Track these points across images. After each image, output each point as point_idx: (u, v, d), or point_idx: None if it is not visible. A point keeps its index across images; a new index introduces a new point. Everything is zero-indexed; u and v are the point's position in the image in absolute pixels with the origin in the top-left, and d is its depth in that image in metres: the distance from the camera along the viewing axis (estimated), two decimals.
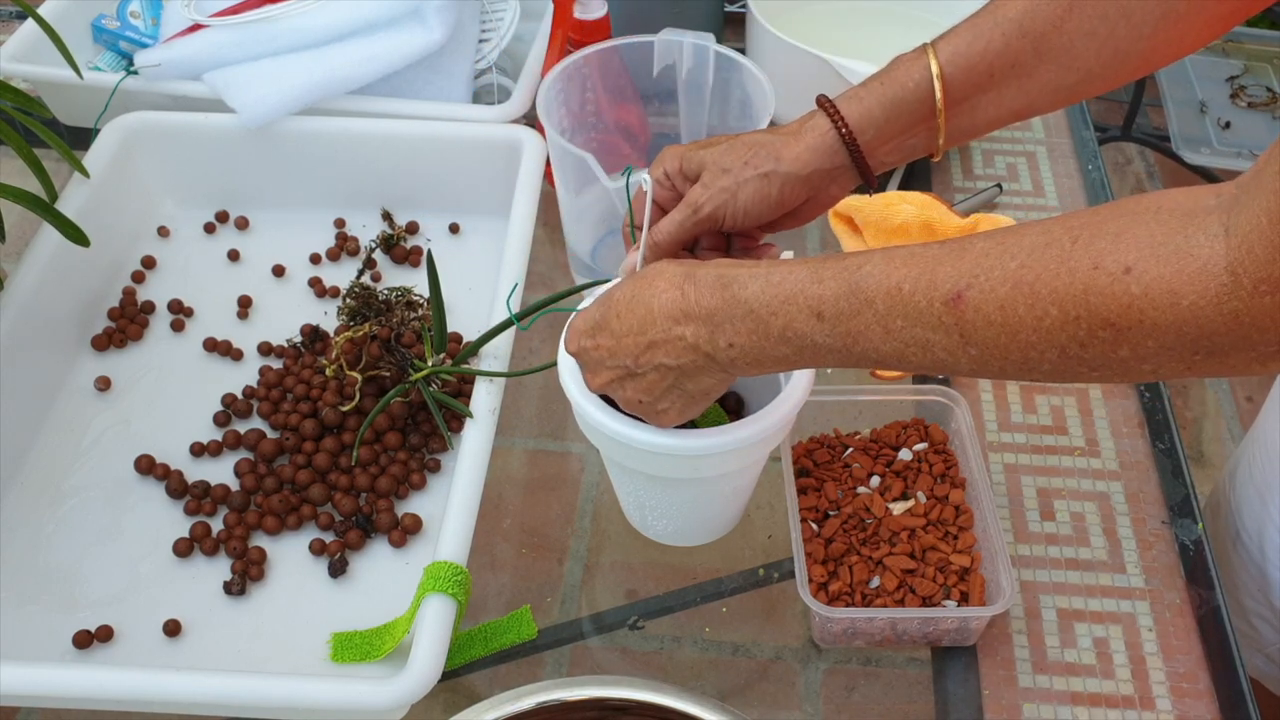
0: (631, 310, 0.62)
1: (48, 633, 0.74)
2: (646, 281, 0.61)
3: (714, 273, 0.60)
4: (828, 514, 0.78)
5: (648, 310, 0.61)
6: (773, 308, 0.57)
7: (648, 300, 0.61)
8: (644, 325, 0.61)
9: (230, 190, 1.02)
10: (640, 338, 0.61)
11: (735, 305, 0.58)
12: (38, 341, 0.86)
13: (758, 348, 0.58)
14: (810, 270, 0.57)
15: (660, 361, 0.62)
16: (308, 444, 0.83)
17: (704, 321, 0.59)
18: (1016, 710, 0.71)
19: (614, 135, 0.97)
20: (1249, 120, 1.83)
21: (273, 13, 1.01)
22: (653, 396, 0.64)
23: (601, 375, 0.65)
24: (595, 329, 0.64)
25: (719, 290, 0.59)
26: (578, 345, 0.66)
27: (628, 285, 0.63)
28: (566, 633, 0.76)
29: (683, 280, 0.60)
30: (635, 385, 0.64)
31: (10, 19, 1.27)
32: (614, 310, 0.63)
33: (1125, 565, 0.78)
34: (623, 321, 0.62)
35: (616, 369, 0.64)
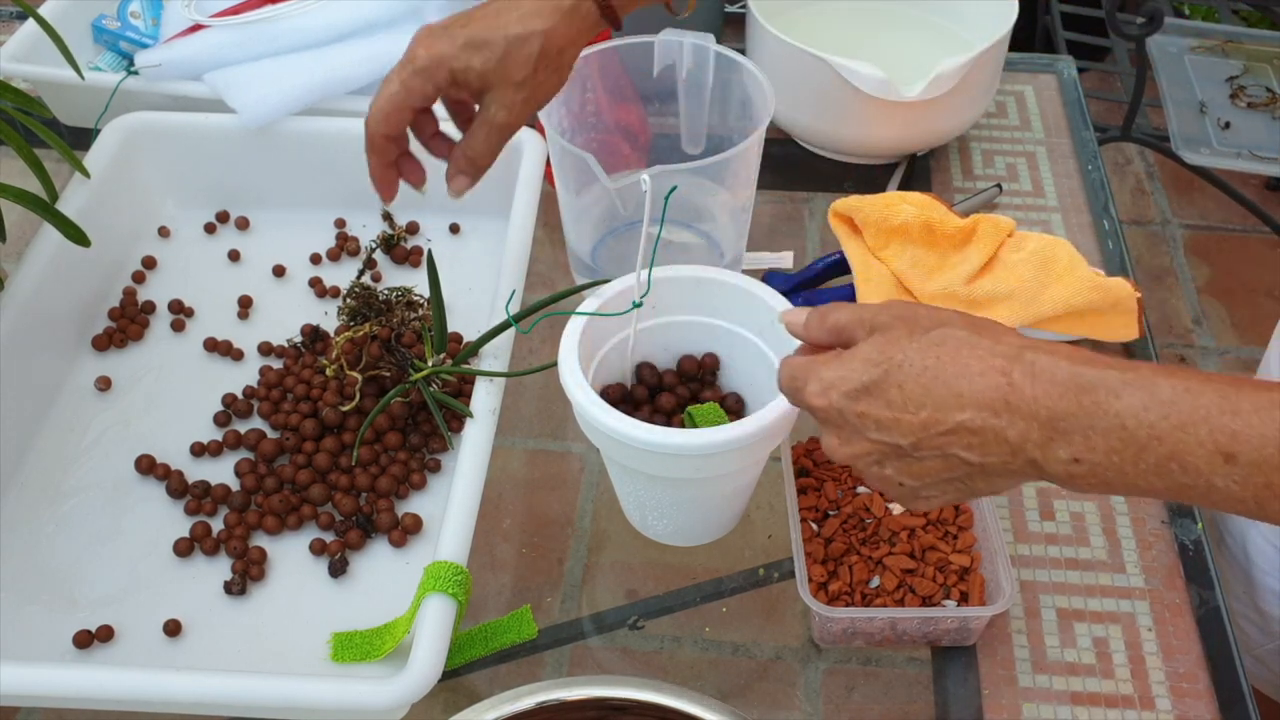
0: (925, 385, 0.52)
1: (48, 633, 0.74)
2: (950, 353, 0.52)
3: (1063, 367, 0.50)
4: (828, 514, 0.78)
5: (951, 391, 0.51)
6: (1158, 431, 0.47)
7: (952, 379, 0.52)
8: (942, 406, 0.52)
9: (230, 190, 1.02)
10: (933, 417, 0.52)
11: (1098, 416, 0.49)
12: (38, 341, 0.86)
13: (1117, 472, 0.49)
14: (1218, 394, 0.47)
15: (954, 452, 0.52)
16: (308, 444, 0.83)
17: (1040, 424, 0.50)
18: (1016, 710, 0.71)
19: (614, 135, 0.97)
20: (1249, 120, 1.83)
21: (273, 13, 1.01)
22: (921, 483, 0.55)
23: (856, 444, 0.56)
24: (863, 392, 0.54)
25: (1074, 394, 0.49)
26: (828, 401, 0.55)
27: (918, 350, 0.53)
28: (566, 633, 0.76)
29: (1009, 364, 0.51)
30: (902, 467, 0.55)
31: (10, 19, 1.27)
32: (897, 377, 0.53)
33: (1125, 565, 0.78)
34: (908, 393, 0.53)
35: (882, 444, 0.54)
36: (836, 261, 0.96)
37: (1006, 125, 1.14)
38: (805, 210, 1.06)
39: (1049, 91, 1.18)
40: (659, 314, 0.79)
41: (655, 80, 0.94)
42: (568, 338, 0.73)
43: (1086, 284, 0.88)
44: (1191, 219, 2.34)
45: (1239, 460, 0.46)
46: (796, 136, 1.11)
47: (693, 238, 0.95)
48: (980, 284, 0.90)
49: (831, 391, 0.55)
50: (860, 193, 0.97)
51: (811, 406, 0.57)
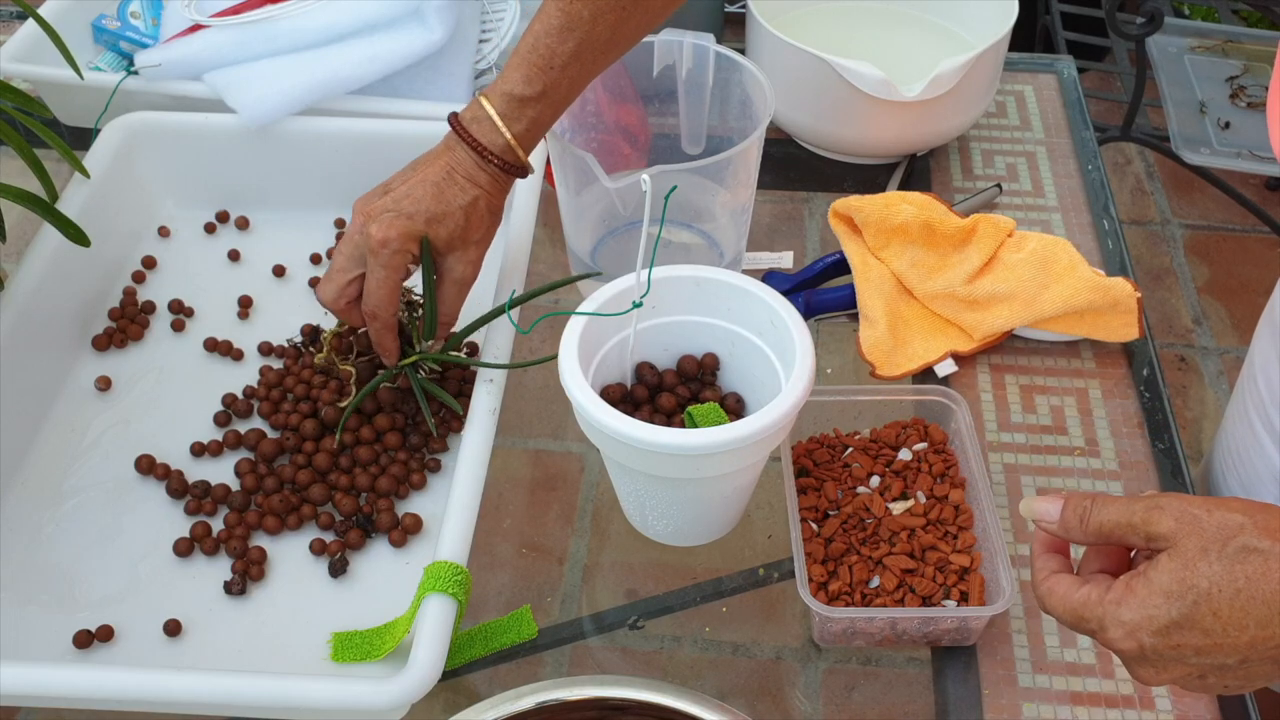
0: (1242, 607, 0.51)
1: (48, 633, 0.74)
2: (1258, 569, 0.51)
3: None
4: (827, 514, 0.78)
5: (1273, 610, 0.50)
6: None
7: (1271, 597, 0.50)
8: (1266, 624, 0.51)
9: (230, 190, 1.02)
10: (1259, 636, 0.51)
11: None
12: (38, 341, 0.86)
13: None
14: None
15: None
16: (308, 444, 0.83)
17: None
18: (1016, 710, 0.71)
19: (614, 135, 0.97)
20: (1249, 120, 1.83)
21: (273, 13, 1.01)
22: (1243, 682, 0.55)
23: (1174, 670, 0.54)
24: (1174, 628, 0.52)
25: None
26: (1137, 643, 0.53)
27: (1224, 572, 0.51)
28: (566, 633, 0.76)
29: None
30: (1227, 676, 0.54)
31: (10, 19, 1.27)
32: (1209, 607, 0.51)
33: None
34: (1225, 620, 0.51)
35: (1204, 666, 0.53)
36: (836, 261, 0.96)
37: (1006, 125, 1.14)
38: (805, 210, 1.06)
39: (1049, 91, 1.18)
40: (659, 314, 0.79)
41: (655, 80, 0.94)
42: (568, 337, 0.73)
43: (1086, 284, 0.88)
44: (1191, 219, 2.34)
45: None
46: (796, 136, 1.11)
47: (693, 238, 0.95)
48: (980, 284, 0.90)
49: (1139, 633, 0.53)
50: (860, 193, 0.97)
51: (1118, 650, 0.55)
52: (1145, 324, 0.91)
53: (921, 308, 0.93)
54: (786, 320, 0.73)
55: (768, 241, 1.02)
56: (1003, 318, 0.89)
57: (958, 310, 0.91)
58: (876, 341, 0.91)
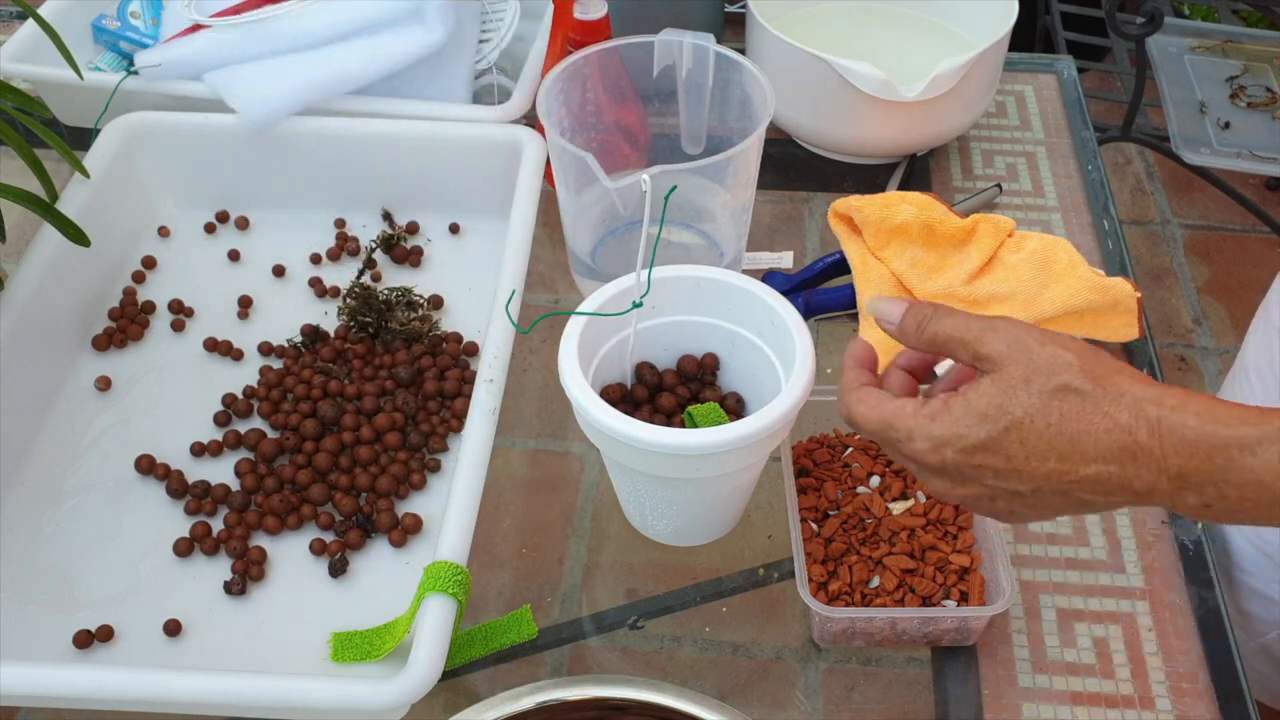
0: (1048, 440, 0.52)
1: (48, 633, 0.74)
2: (1073, 409, 0.51)
3: (1192, 426, 0.49)
4: (827, 514, 0.78)
5: (1076, 448, 0.51)
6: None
7: (1076, 435, 0.51)
8: (1067, 459, 0.52)
9: (230, 190, 1.02)
10: (1057, 469, 0.52)
11: (1232, 473, 0.49)
12: (38, 341, 0.86)
13: (1250, 515, 0.50)
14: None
15: (1077, 495, 0.53)
16: (308, 444, 0.83)
17: (1170, 478, 0.50)
18: (1016, 710, 0.71)
19: (614, 135, 0.97)
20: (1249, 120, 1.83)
21: (273, 13, 1.01)
22: (1036, 515, 0.56)
23: (968, 488, 0.56)
24: (980, 448, 0.53)
25: (1204, 454, 0.49)
26: (941, 458, 0.55)
27: (1039, 406, 0.52)
28: (566, 633, 0.76)
29: (1133, 421, 0.50)
30: (1018, 504, 0.55)
31: (10, 19, 1.27)
32: (1017, 434, 0.52)
33: (1125, 565, 0.78)
34: (1030, 449, 0.52)
35: (999, 489, 0.55)
36: (836, 261, 0.96)
37: (1006, 125, 1.14)
38: (805, 210, 1.06)
39: (1049, 91, 1.18)
40: (659, 314, 0.79)
41: (655, 80, 0.94)
42: (568, 338, 0.73)
43: (1086, 284, 0.88)
44: (1191, 219, 2.34)
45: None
46: (796, 136, 1.11)
47: (693, 238, 0.95)
48: (980, 284, 0.90)
49: (945, 449, 0.54)
50: (860, 193, 0.97)
51: (920, 461, 0.56)
52: (1145, 324, 0.91)
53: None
54: (786, 320, 0.73)
55: (768, 241, 1.02)
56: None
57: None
58: (877, 341, 0.90)
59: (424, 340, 0.90)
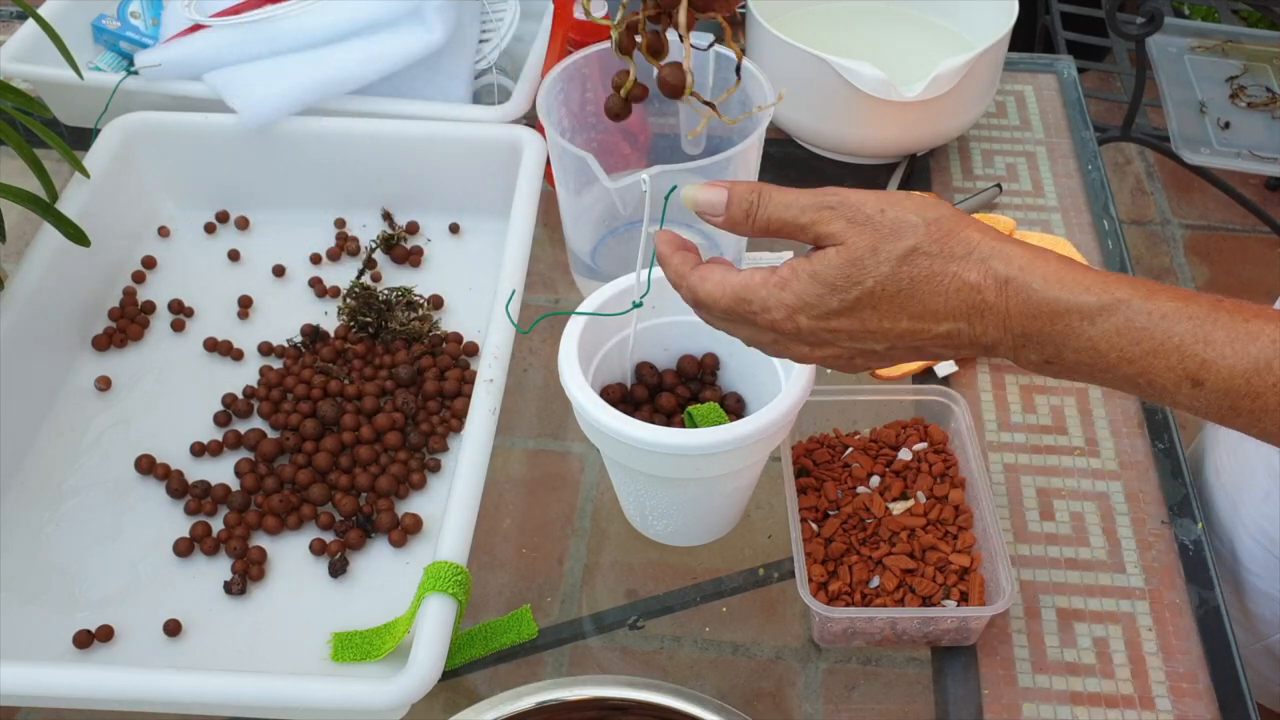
0: (900, 304, 0.52)
1: (48, 633, 0.74)
2: (923, 272, 0.52)
3: (1037, 291, 0.50)
4: (827, 514, 0.78)
5: (927, 308, 0.52)
6: (1129, 355, 0.49)
7: (927, 297, 0.52)
8: (919, 318, 0.53)
9: (230, 190, 1.02)
10: (910, 329, 0.53)
11: (1070, 338, 0.50)
12: (38, 341, 0.86)
13: (1086, 376, 0.52)
14: (1194, 324, 0.49)
15: (929, 349, 0.54)
16: (308, 444, 0.83)
17: (1014, 335, 0.52)
18: (1016, 710, 0.71)
19: (614, 135, 0.97)
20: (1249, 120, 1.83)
21: (273, 13, 1.01)
22: (891, 363, 0.56)
23: (825, 350, 0.56)
24: (834, 314, 0.54)
25: (1046, 317, 0.50)
26: (795, 325, 0.55)
27: (890, 273, 0.52)
28: (566, 633, 0.76)
29: (981, 280, 0.51)
30: (873, 359, 0.56)
31: (10, 19, 1.27)
32: (869, 301, 0.53)
33: (1125, 565, 0.78)
34: (882, 312, 0.53)
35: (854, 349, 0.55)
36: None
37: (1006, 125, 1.14)
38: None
39: (1049, 91, 1.18)
40: (659, 314, 0.79)
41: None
42: (568, 338, 0.73)
43: None
44: (1191, 219, 2.34)
45: (1206, 386, 0.49)
46: (796, 136, 1.11)
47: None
48: None
49: (799, 316, 0.54)
50: None
51: (778, 330, 0.55)
52: None
53: None
54: None
55: (768, 241, 1.02)
56: None
57: None
58: None
59: (424, 340, 0.90)
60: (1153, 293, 0.50)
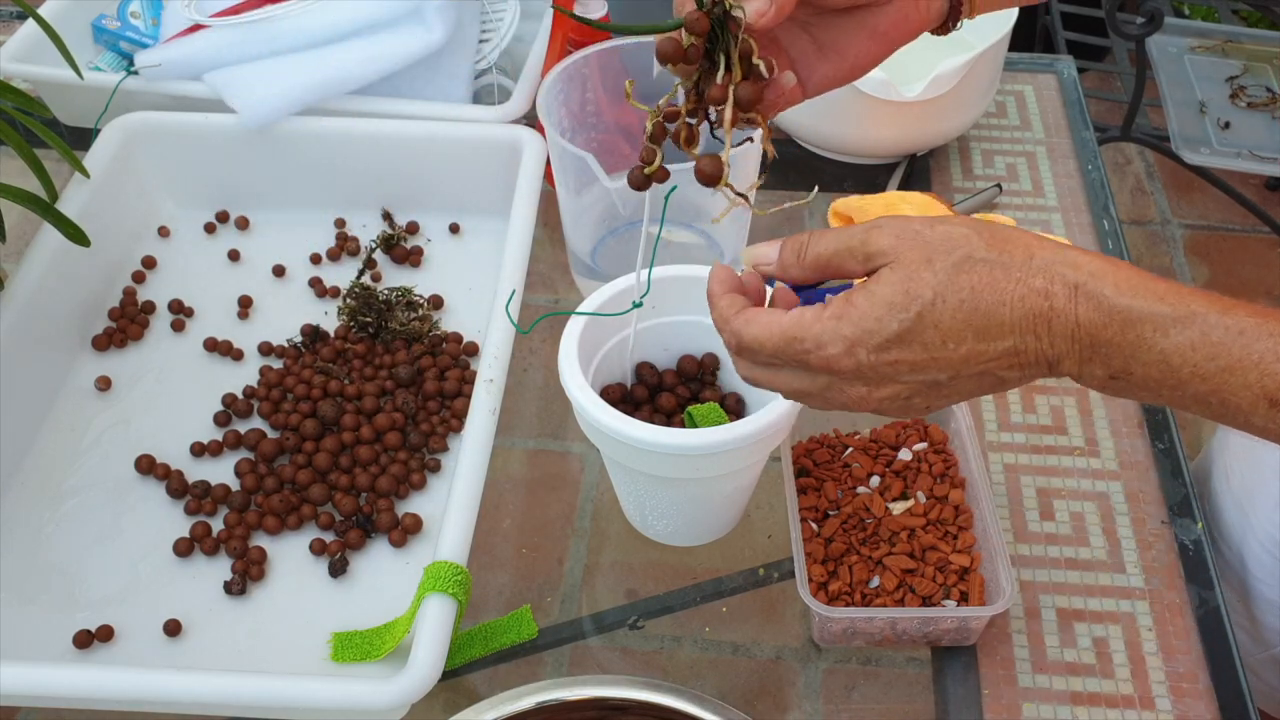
0: (964, 319, 0.49)
1: (48, 633, 0.74)
2: (983, 279, 0.49)
3: (1109, 297, 0.48)
4: (827, 514, 0.78)
5: (992, 321, 0.49)
6: (1203, 372, 0.47)
7: (992, 308, 0.49)
8: (984, 337, 0.49)
9: (230, 190, 1.02)
10: (975, 350, 0.50)
11: (1142, 349, 0.48)
12: (38, 341, 0.86)
13: (1152, 394, 0.49)
14: (1274, 341, 0.46)
15: (994, 373, 0.51)
16: (308, 444, 0.83)
17: (1081, 346, 0.49)
18: (1016, 710, 0.71)
19: (614, 135, 0.97)
20: (1249, 120, 1.83)
21: (273, 13, 1.01)
22: (946, 400, 0.53)
23: (886, 389, 0.52)
24: (895, 341, 0.50)
25: (1118, 326, 0.48)
26: (855, 361, 0.51)
27: (948, 281, 0.49)
28: (566, 633, 0.76)
29: (1048, 285, 0.48)
30: (933, 395, 0.53)
31: (10, 19, 1.27)
32: (932, 318, 0.49)
33: (1125, 565, 0.78)
34: (945, 332, 0.49)
35: (915, 384, 0.51)
36: None
37: (1006, 125, 1.14)
38: (805, 210, 1.06)
39: (1049, 91, 1.18)
40: (659, 314, 0.79)
41: (655, 80, 0.94)
42: (568, 338, 0.73)
43: None
44: (1191, 219, 2.34)
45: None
46: (796, 136, 1.11)
47: (693, 238, 0.95)
48: None
49: (859, 349, 0.50)
50: (860, 193, 0.97)
51: (835, 370, 0.51)
52: None
53: None
54: None
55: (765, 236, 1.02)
56: None
57: None
58: None
59: (424, 340, 0.90)
60: (1229, 308, 0.47)
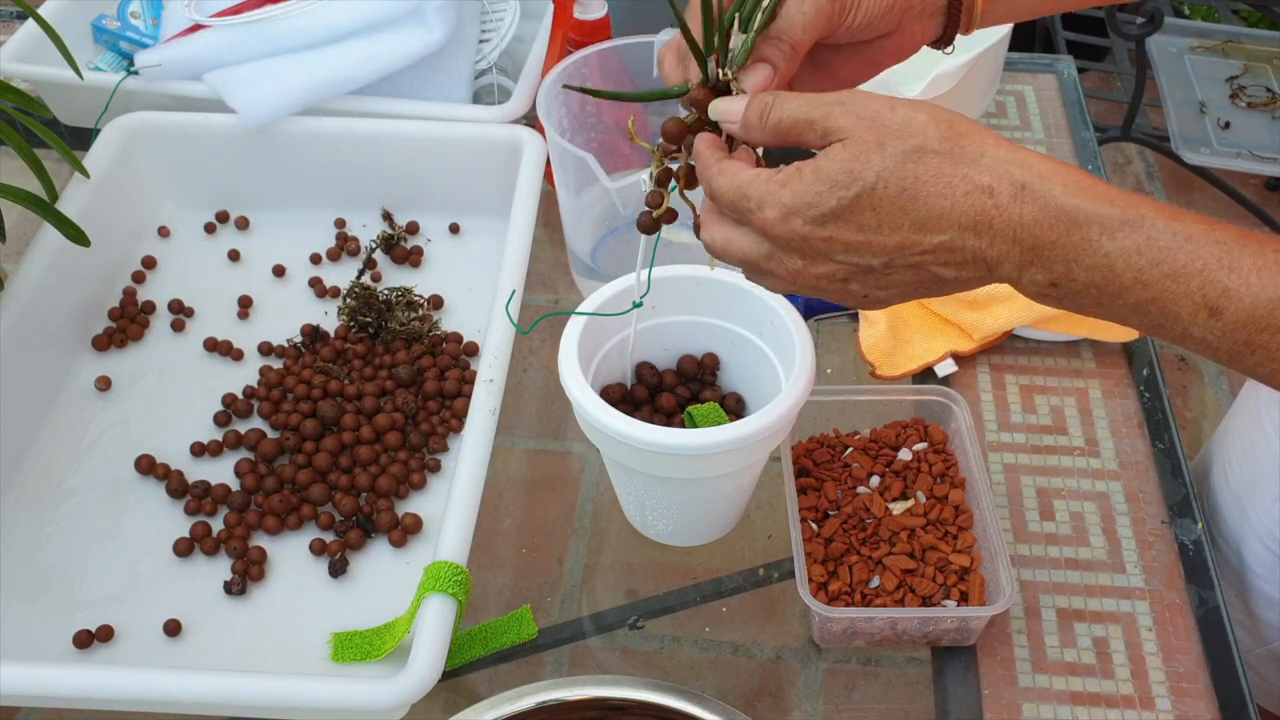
0: (902, 206, 0.49)
1: (48, 633, 0.74)
2: (930, 171, 0.48)
3: (1056, 196, 0.47)
4: (827, 514, 0.78)
5: (931, 212, 0.48)
6: (1146, 277, 0.46)
7: (932, 199, 0.48)
8: (920, 228, 0.49)
9: (230, 190, 1.02)
10: (909, 239, 0.49)
11: (1086, 252, 0.47)
12: (38, 341, 0.86)
13: (1092, 302, 0.48)
14: (1220, 247, 0.46)
15: (928, 268, 0.50)
16: (308, 444, 0.83)
17: (1022, 249, 0.48)
18: (1016, 710, 0.71)
19: (614, 135, 0.97)
20: (1249, 120, 1.83)
21: (273, 13, 1.01)
22: (887, 293, 0.53)
23: (820, 267, 0.52)
24: (831, 217, 0.50)
25: (1064, 226, 0.47)
26: (790, 229, 0.51)
27: (894, 168, 0.49)
28: (566, 633, 0.76)
29: (995, 183, 0.48)
30: (869, 281, 0.52)
31: (10, 19, 1.27)
32: (870, 200, 0.49)
33: (1125, 565, 0.78)
34: (882, 216, 0.49)
35: (849, 265, 0.51)
36: None
37: (1006, 125, 1.14)
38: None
39: (1049, 91, 1.18)
40: (659, 314, 0.79)
41: (655, 80, 0.94)
42: (568, 338, 0.73)
43: None
44: None
45: (1224, 315, 0.46)
46: None
47: (693, 238, 0.95)
48: None
49: (794, 218, 0.50)
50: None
51: (771, 235, 0.52)
52: None
53: (921, 308, 0.93)
54: (786, 320, 0.74)
55: None
56: (1002, 318, 0.89)
57: (957, 310, 0.91)
58: (876, 341, 0.91)
59: (424, 340, 0.90)
60: (1178, 214, 0.47)
